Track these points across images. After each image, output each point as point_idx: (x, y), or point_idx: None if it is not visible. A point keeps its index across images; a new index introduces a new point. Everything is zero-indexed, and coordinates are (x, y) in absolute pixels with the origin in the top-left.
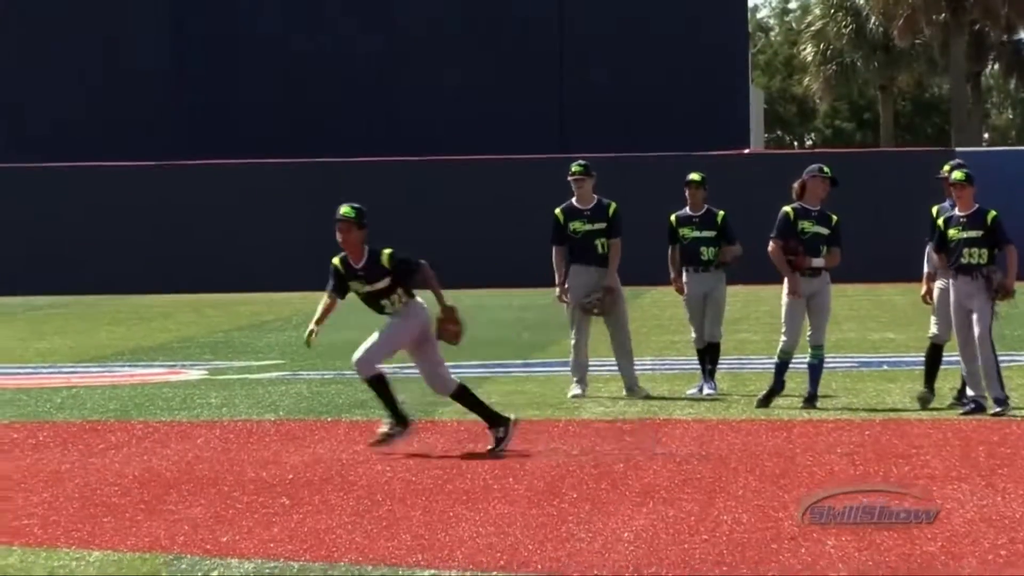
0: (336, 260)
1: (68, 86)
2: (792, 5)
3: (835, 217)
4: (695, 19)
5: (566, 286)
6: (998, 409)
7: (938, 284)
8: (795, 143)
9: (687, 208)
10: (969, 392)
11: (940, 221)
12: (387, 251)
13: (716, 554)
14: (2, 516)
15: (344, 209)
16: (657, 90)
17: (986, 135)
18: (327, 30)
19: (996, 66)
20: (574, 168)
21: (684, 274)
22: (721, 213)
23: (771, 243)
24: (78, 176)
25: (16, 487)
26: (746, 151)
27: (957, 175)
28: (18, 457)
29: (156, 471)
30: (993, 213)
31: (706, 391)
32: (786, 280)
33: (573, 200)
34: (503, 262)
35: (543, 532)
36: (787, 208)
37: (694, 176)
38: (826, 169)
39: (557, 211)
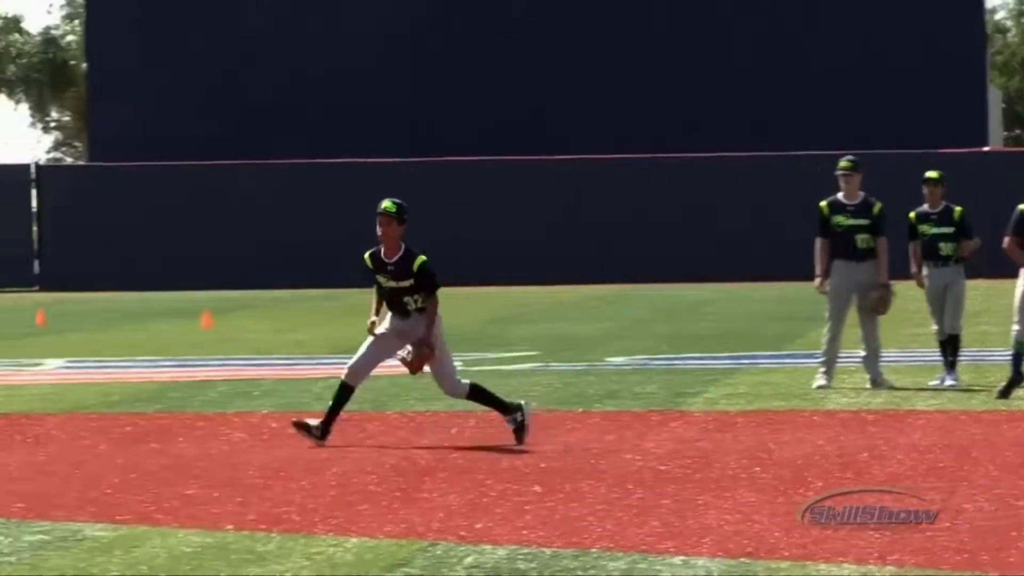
0: (366, 255)
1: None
2: None
3: None
4: (933, 20)
5: (827, 278)
6: None
7: None
8: None
9: (925, 205)
10: None
11: None
12: (422, 257)
13: (958, 542)
14: (262, 504)
15: (386, 203)
16: (897, 90)
17: None
18: None
19: None
20: (842, 163)
21: (924, 268)
22: (958, 209)
23: (1006, 239)
24: (349, 171)
25: (275, 475)
26: (985, 149)
27: None
28: (278, 446)
29: (412, 459)
30: None
31: (948, 382)
32: (1022, 271)
33: (839, 195)
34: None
35: (789, 520)
36: (1022, 206)
37: (932, 174)
38: None
39: (822, 204)
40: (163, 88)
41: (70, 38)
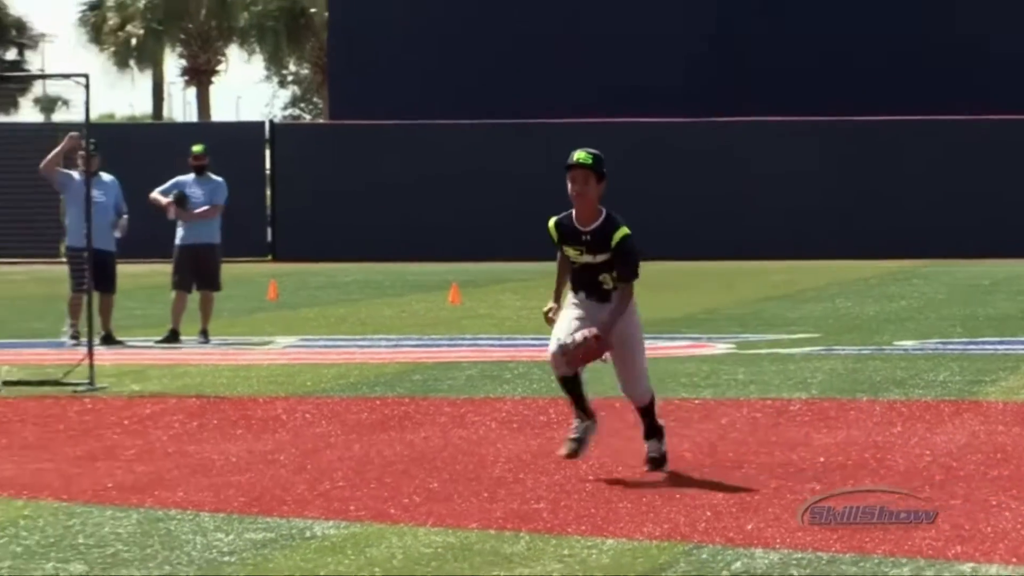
0: (551, 222)
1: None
2: None
3: None
4: None
5: None
6: None
7: None
8: None
9: None
10: None
11: None
12: (625, 229)
13: None
14: (510, 500)
15: (579, 154)
16: None
17: None
18: None
19: None
20: None
21: None
22: None
23: None
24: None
25: (526, 468)
26: None
27: None
28: (529, 436)
29: (678, 453)
30: None
31: None
32: None
33: None
34: None
35: None
36: None
37: None
38: None
39: None
40: (411, 41)
41: None
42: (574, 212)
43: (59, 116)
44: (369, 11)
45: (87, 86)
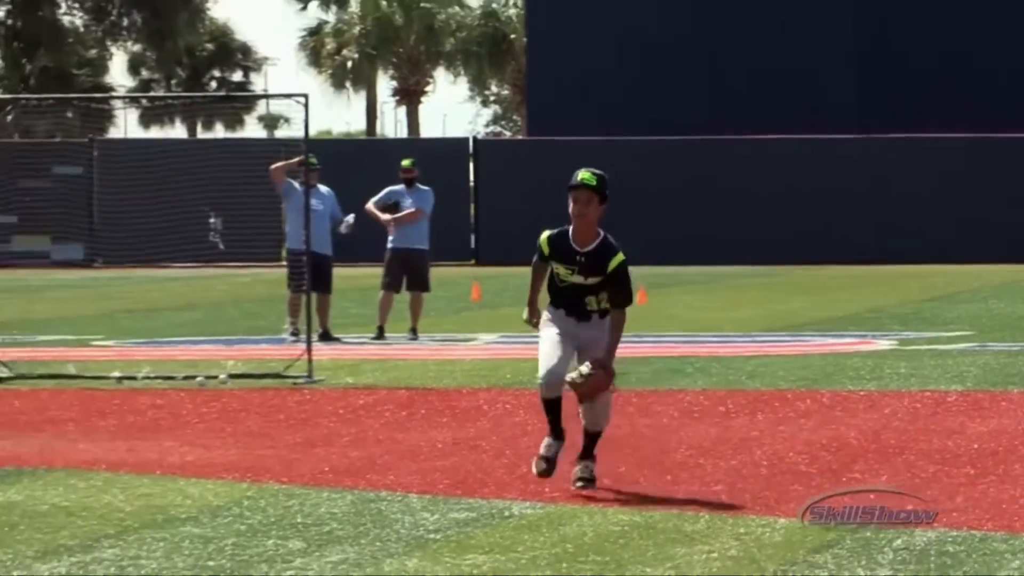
0: (544, 236)
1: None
2: None
3: None
4: None
5: None
6: None
7: None
8: None
9: None
10: None
11: None
12: (620, 256)
13: None
14: (691, 482)
15: (583, 174)
16: None
17: None
18: None
19: None
20: None
21: None
22: None
23: None
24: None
25: (705, 454)
26: None
27: None
28: (708, 424)
29: (844, 439)
30: None
31: None
32: None
33: None
34: None
35: None
36: None
37: None
38: None
39: None
40: (600, 65)
41: (511, 11)
42: (571, 230)
43: (281, 133)
44: (563, 37)
45: (306, 105)
